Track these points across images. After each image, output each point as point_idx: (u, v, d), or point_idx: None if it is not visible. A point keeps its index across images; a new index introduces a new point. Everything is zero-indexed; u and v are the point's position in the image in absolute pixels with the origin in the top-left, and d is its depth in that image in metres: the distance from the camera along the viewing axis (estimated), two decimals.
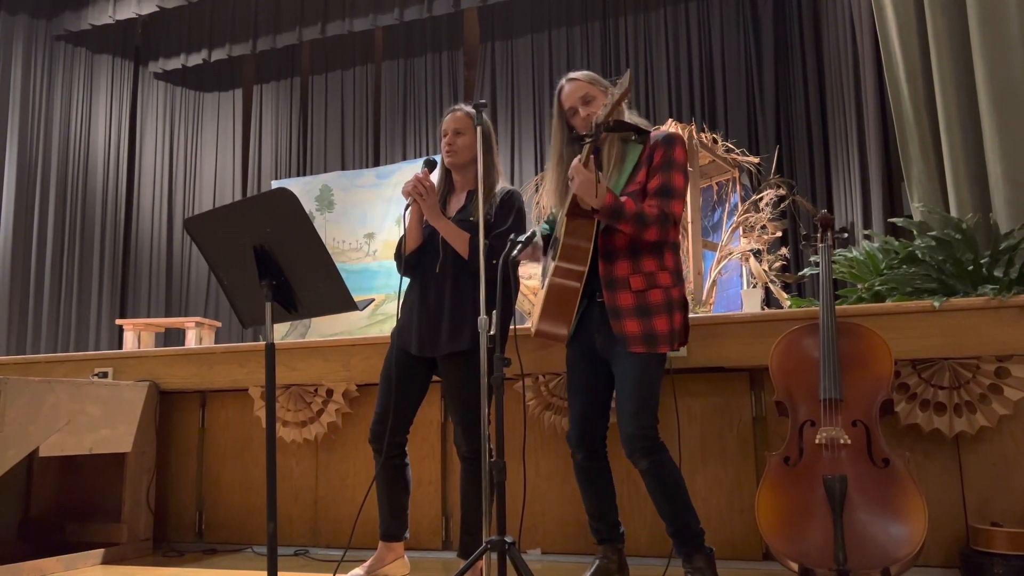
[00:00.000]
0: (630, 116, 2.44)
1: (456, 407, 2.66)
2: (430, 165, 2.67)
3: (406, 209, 2.66)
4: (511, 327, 2.66)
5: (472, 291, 2.63)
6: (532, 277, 4.55)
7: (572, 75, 2.52)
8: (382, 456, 2.71)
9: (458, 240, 2.62)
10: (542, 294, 2.41)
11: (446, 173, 2.82)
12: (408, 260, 2.74)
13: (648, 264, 2.35)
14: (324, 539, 3.39)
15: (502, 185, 2.74)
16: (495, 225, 2.64)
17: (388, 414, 2.69)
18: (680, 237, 2.53)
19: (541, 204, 2.61)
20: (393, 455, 2.74)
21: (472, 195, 2.72)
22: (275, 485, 1.87)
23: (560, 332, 2.38)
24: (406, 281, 2.80)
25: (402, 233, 2.78)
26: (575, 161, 2.28)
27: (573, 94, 2.47)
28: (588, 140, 2.26)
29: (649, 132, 2.43)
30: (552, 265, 2.41)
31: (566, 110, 2.50)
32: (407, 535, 2.80)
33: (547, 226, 2.64)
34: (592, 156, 2.28)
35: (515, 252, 2.38)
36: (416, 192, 2.59)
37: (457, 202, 2.77)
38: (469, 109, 2.73)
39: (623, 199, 2.29)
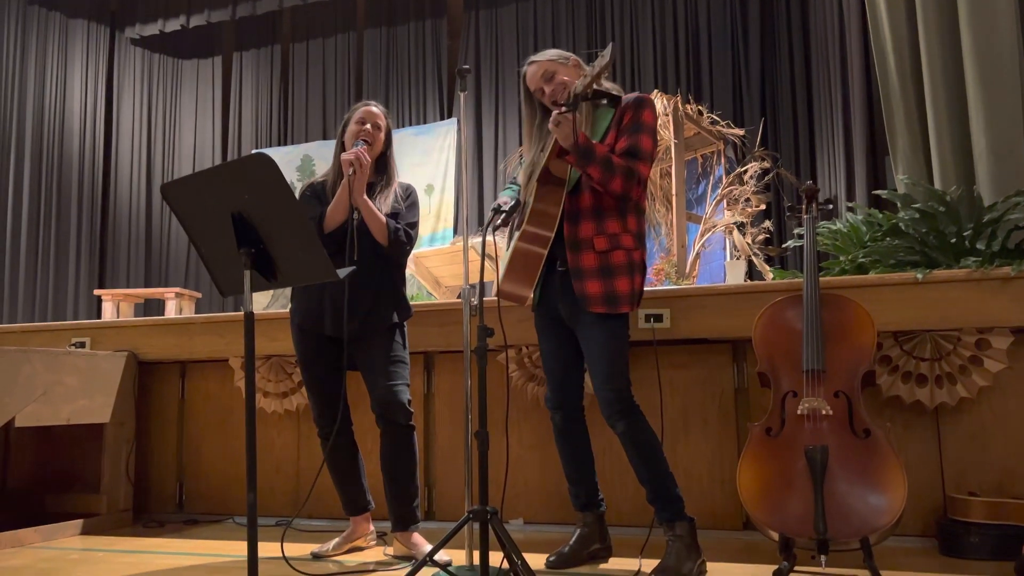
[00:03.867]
0: (606, 84, 2.42)
1: (380, 376, 2.64)
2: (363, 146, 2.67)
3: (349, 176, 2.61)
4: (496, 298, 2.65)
5: (391, 276, 2.70)
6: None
7: (532, 58, 2.55)
8: (326, 438, 2.76)
9: (376, 222, 2.63)
10: (506, 257, 2.41)
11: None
12: (331, 238, 2.63)
13: (612, 226, 2.37)
14: (306, 510, 3.38)
15: (399, 180, 2.84)
16: (406, 216, 2.72)
17: (319, 397, 2.73)
18: (645, 202, 2.55)
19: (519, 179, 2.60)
20: (335, 434, 2.74)
21: (373, 187, 2.75)
22: (255, 455, 1.84)
23: (523, 293, 2.41)
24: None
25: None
26: (555, 113, 2.27)
27: (535, 75, 2.50)
28: (566, 109, 2.24)
29: (621, 97, 2.43)
30: (519, 230, 2.41)
31: (533, 92, 2.54)
32: (372, 505, 2.84)
33: (511, 187, 2.65)
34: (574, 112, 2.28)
35: (499, 221, 2.37)
36: (357, 163, 2.58)
37: None
38: (384, 109, 2.85)
39: (594, 142, 2.31)
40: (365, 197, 2.62)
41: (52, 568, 2.57)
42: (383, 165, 2.79)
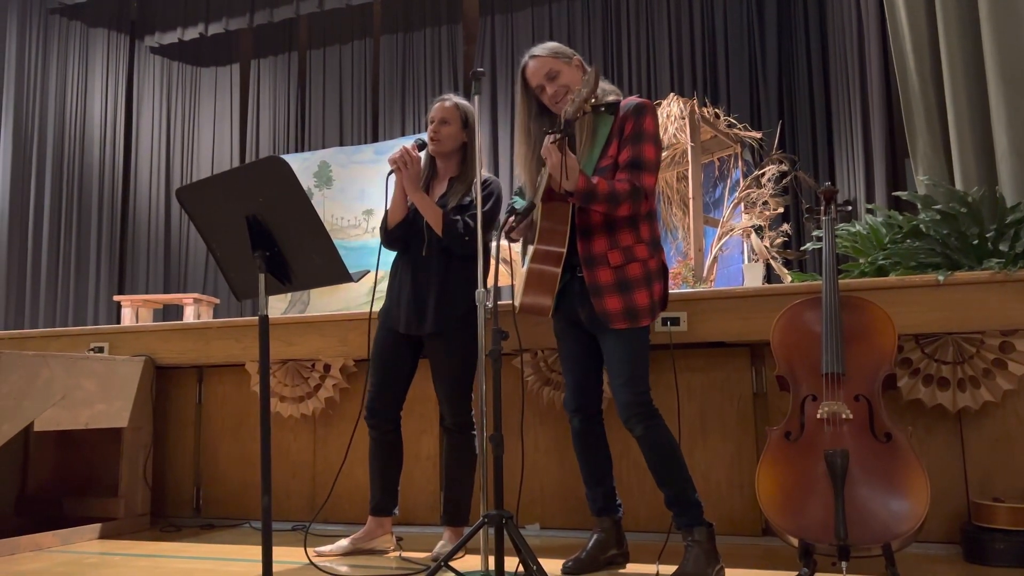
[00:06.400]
0: (600, 87, 2.38)
1: (443, 383, 2.75)
2: (421, 145, 2.74)
3: (388, 176, 2.72)
4: (511, 302, 2.65)
5: (459, 272, 2.72)
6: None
7: (534, 51, 2.49)
8: (378, 433, 2.81)
9: (432, 215, 2.69)
10: (523, 275, 2.39)
11: (430, 160, 2.89)
12: (393, 234, 2.79)
13: (625, 238, 2.35)
14: (322, 514, 3.38)
15: (483, 173, 2.79)
16: (471, 207, 2.70)
17: (382, 392, 2.78)
18: (655, 205, 2.53)
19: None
20: (387, 431, 2.82)
21: (453, 182, 2.79)
22: (269, 459, 1.84)
23: (544, 303, 2.38)
24: (389, 257, 2.86)
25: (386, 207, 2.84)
26: (547, 141, 2.21)
27: (538, 72, 2.45)
28: (558, 135, 2.17)
29: (619, 103, 2.38)
30: (531, 249, 2.40)
31: (534, 87, 2.48)
32: (396, 511, 2.86)
33: (517, 198, 2.64)
34: (564, 140, 2.21)
35: (513, 221, 2.37)
36: (401, 161, 2.65)
37: (440, 188, 2.83)
38: (458, 100, 2.81)
39: (595, 179, 2.27)
40: (421, 192, 2.69)
41: (70, 572, 2.58)
42: (464, 156, 2.81)
